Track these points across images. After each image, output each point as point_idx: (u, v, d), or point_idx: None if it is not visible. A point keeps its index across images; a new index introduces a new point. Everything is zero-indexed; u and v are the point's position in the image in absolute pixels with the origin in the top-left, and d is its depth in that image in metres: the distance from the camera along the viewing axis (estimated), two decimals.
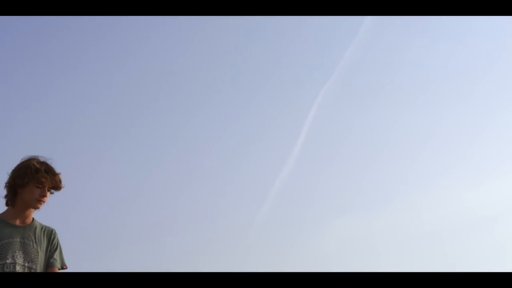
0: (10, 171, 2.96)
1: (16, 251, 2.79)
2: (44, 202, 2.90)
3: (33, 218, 2.94)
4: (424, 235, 7.80)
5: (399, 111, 8.55)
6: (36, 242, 2.89)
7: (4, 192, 2.92)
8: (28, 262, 2.75)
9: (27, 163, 2.90)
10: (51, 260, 2.84)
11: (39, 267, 2.75)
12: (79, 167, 7.71)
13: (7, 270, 2.66)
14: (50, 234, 2.96)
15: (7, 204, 2.94)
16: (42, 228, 2.96)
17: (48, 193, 2.91)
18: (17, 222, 2.90)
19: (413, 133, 8.59)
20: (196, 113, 7.96)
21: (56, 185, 2.92)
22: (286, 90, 8.56)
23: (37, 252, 2.82)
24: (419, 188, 8.36)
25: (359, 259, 7.61)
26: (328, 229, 8.24)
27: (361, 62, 8.41)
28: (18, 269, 2.68)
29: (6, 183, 2.91)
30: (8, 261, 2.71)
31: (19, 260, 2.75)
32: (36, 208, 2.90)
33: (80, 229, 7.35)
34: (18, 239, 2.86)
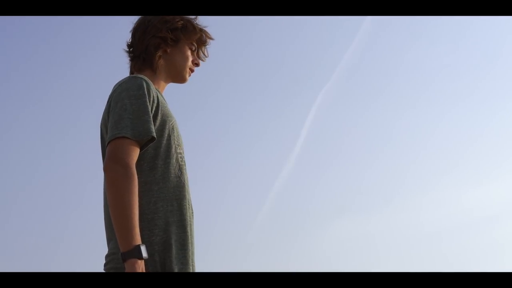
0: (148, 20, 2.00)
1: (181, 138, 1.96)
2: (193, 72, 2.07)
3: None
4: (424, 235, 7.81)
5: (399, 111, 8.55)
6: None
7: (138, 47, 1.99)
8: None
9: (184, 17, 2.02)
10: None
11: None
12: (80, 167, 7.70)
13: (182, 164, 1.88)
14: None
15: (138, 67, 2.00)
16: None
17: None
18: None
19: (413, 133, 8.59)
20: (195, 113, 7.95)
21: (202, 55, 2.06)
22: (286, 91, 8.56)
23: None
24: (419, 188, 8.37)
25: (359, 259, 7.61)
26: (328, 229, 8.24)
27: (361, 63, 8.41)
28: (185, 166, 1.92)
29: (145, 35, 1.98)
30: (182, 152, 1.92)
31: (183, 154, 1.94)
32: (183, 80, 2.04)
33: (81, 229, 7.35)
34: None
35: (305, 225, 7.90)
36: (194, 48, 2.04)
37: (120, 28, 2.04)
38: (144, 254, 1.66)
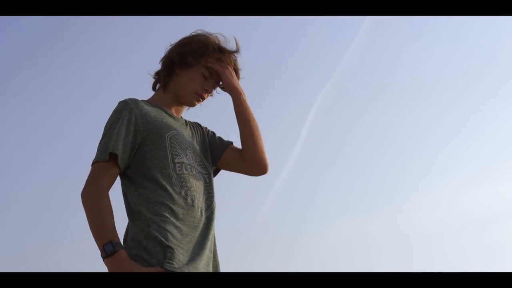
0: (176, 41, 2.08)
1: (188, 149, 2.03)
2: (203, 99, 2.11)
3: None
4: (424, 235, 7.81)
5: (399, 111, 8.55)
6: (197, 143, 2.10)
7: (160, 68, 2.11)
8: (203, 168, 2.06)
9: (206, 39, 2.05)
10: (223, 141, 2.16)
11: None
12: (80, 167, 7.70)
13: (186, 173, 1.96)
14: (199, 126, 2.19)
15: (155, 87, 2.13)
16: (191, 125, 2.17)
17: (213, 89, 2.13)
18: (172, 111, 2.11)
19: (413, 133, 8.59)
20: (196, 113, 7.94)
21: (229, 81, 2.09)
22: (286, 91, 8.56)
23: (202, 156, 2.09)
24: (419, 188, 8.37)
25: (359, 259, 7.61)
26: (328, 229, 8.24)
27: (361, 63, 8.41)
28: (195, 173, 2.01)
29: (164, 57, 2.09)
30: (185, 161, 1.99)
31: (193, 162, 2.02)
32: (190, 104, 2.11)
33: (81, 229, 7.35)
34: (186, 134, 2.07)
35: (305, 225, 7.90)
36: (207, 74, 2.06)
37: (120, 28, 2.04)
38: (109, 249, 1.80)
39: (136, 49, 8.14)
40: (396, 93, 8.60)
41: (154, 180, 1.92)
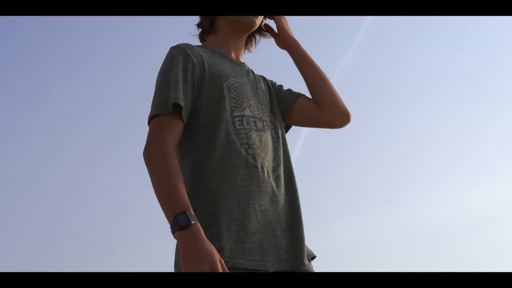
0: None
1: (251, 99, 1.81)
2: (259, 18, 1.92)
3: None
4: (425, 235, 7.81)
5: (399, 112, 8.55)
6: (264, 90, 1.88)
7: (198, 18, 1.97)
8: (270, 121, 1.84)
9: None
10: (294, 92, 1.97)
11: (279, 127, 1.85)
12: (80, 168, 7.71)
13: (247, 127, 1.73)
14: (264, 78, 1.99)
15: (202, 37, 1.97)
16: (256, 75, 1.96)
17: None
18: (232, 56, 1.90)
19: (413, 133, 8.59)
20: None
21: None
22: None
23: (269, 104, 1.88)
24: (420, 188, 8.37)
25: (361, 259, 7.61)
26: (328, 229, 8.24)
27: (361, 63, 8.41)
28: (260, 126, 1.78)
29: None
30: (246, 114, 1.76)
31: (259, 113, 1.80)
32: (251, 26, 1.91)
33: (81, 229, 7.35)
34: (247, 80, 1.85)
35: (307, 225, 7.90)
36: None
37: (121, 28, 2.04)
38: (183, 221, 1.54)
39: (137, 49, 8.14)
40: (396, 94, 8.60)
41: (211, 139, 1.71)
